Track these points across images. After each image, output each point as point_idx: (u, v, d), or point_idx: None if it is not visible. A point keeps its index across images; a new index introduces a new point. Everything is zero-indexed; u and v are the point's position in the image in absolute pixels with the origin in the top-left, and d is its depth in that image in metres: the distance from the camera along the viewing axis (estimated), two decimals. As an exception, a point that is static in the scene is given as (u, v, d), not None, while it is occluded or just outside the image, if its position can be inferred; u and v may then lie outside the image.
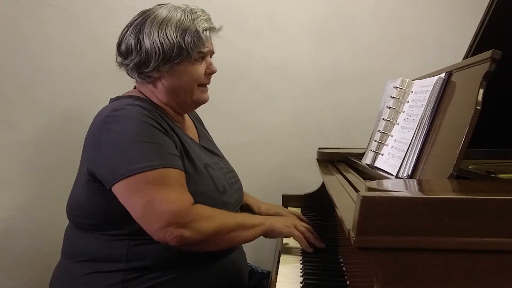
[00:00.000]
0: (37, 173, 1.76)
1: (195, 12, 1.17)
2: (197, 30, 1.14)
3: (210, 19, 1.20)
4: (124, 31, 1.17)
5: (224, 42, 1.30)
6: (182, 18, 1.14)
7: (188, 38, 1.12)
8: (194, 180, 1.11)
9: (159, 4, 1.19)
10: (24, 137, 1.74)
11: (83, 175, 1.10)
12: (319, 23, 1.95)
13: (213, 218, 1.05)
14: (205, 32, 1.16)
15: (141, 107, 1.09)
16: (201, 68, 1.18)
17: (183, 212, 1.01)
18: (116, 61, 1.20)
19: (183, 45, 1.12)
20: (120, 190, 1.02)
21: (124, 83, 1.27)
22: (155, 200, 1.00)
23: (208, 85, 1.24)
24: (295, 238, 1.18)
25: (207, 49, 1.18)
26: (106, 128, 1.06)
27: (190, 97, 1.20)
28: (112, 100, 1.21)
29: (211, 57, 1.23)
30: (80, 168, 1.15)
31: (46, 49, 1.75)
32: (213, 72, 1.22)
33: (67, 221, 1.21)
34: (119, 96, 1.21)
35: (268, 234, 1.15)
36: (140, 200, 1.00)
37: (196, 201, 1.07)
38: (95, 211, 1.09)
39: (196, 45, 1.14)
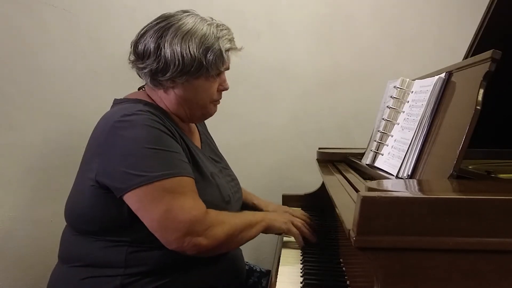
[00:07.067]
0: (37, 173, 1.76)
1: (221, 30, 1.14)
2: (220, 50, 1.12)
3: (234, 38, 1.19)
4: (143, 31, 1.13)
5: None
6: (207, 33, 1.11)
7: (210, 56, 1.11)
8: (200, 188, 1.09)
9: (185, 11, 1.15)
10: (24, 137, 1.73)
11: (87, 180, 1.06)
12: (319, 23, 1.95)
13: (225, 223, 1.07)
14: (227, 52, 1.15)
15: (152, 113, 1.07)
16: (215, 85, 1.18)
17: (200, 220, 1.02)
18: (129, 59, 1.17)
19: (204, 62, 1.10)
20: (134, 198, 1.00)
21: (124, 83, 1.27)
22: (173, 208, 0.99)
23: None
24: (292, 235, 1.21)
25: (224, 67, 1.18)
26: (117, 134, 1.03)
27: (201, 111, 1.20)
28: (116, 101, 1.18)
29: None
30: (82, 171, 1.11)
31: (46, 49, 1.75)
32: (225, 89, 1.21)
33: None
34: (126, 97, 1.19)
35: (267, 229, 1.18)
36: (157, 209, 0.99)
37: None
38: (98, 217, 1.07)
39: (216, 64, 1.13)
